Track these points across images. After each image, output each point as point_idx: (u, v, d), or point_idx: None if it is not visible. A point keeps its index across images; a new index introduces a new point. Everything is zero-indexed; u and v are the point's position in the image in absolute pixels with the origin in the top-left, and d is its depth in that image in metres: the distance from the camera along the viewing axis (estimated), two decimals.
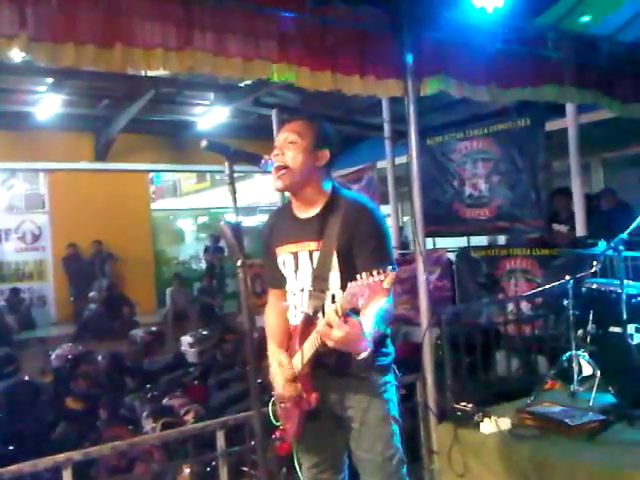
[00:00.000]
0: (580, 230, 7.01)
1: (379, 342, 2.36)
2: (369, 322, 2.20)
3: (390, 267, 1.98)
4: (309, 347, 2.30)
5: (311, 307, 2.38)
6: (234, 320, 11.45)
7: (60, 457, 2.77)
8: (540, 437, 3.52)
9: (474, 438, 3.70)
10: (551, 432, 3.52)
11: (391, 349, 2.49)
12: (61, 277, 12.95)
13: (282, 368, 2.41)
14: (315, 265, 2.40)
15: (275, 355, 2.49)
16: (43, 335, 11.39)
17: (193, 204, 18.56)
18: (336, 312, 2.07)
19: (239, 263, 2.22)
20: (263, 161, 2.36)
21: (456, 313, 5.10)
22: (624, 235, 3.55)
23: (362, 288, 1.97)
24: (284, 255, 2.51)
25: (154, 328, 9.76)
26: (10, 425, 5.64)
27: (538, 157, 7.30)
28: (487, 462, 3.59)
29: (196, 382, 7.02)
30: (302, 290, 2.45)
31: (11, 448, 5.24)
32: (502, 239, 10.06)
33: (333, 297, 2.35)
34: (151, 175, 16.19)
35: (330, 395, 2.40)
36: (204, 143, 2.24)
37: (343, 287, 2.30)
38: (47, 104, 11.24)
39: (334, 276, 2.37)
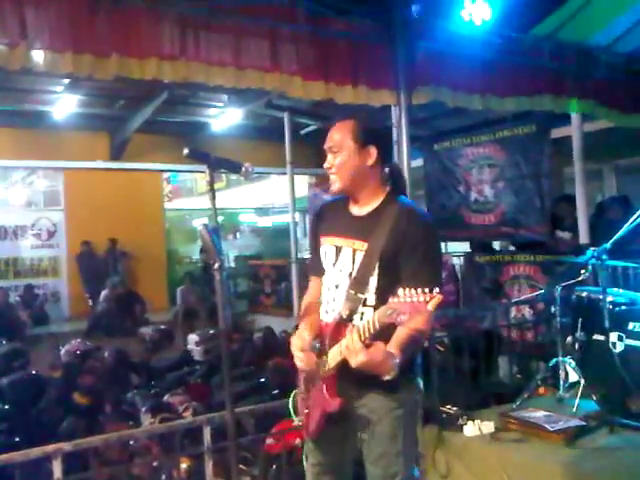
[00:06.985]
0: (583, 237, 7.03)
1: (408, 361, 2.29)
2: (399, 344, 2.17)
3: (437, 288, 1.90)
4: (334, 356, 2.28)
5: (346, 308, 2.32)
6: (243, 319, 11.61)
7: (50, 448, 2.88)
8: (521, 441, 3.58)
9: (457, 441, 3.77)
10: (532, 437, 3.59)
11: (417, 369, 2.44)
12: (75, 274, 13.16)
13: (302, 339, 2.41)
14: (357, 266, 2.34)
15: (301, 330, 2.46)
16: (56, 331, 11.48)
17: (209, 204, 18.62)
18: (373, 324, 2.04)
19: (216, 266, 2.34)
20: (244, 169, 2.45)
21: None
22: (607, 245, 3.62)
23: (404, 305, 1.90)
24: (327, 246, 2.47)
25: (163, 326, 9.91)
26: (17, 417, 5.78)
27: (543, 164, 7.35)
28: (469, 464, 3.66)
29: (200, 380, 7.12)
30: (337, 287, 2.40)
31: (17, 440, 5.37)
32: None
33: (365, 301, 2.31)
34: (168, 175, 16.38)
35: (348, 402, 2.35)
36: (185, 151, 2.36)
37: (378, 292, 2.28)
38: (64, 104, 11.41)
39: (372, 280, 2.31)
